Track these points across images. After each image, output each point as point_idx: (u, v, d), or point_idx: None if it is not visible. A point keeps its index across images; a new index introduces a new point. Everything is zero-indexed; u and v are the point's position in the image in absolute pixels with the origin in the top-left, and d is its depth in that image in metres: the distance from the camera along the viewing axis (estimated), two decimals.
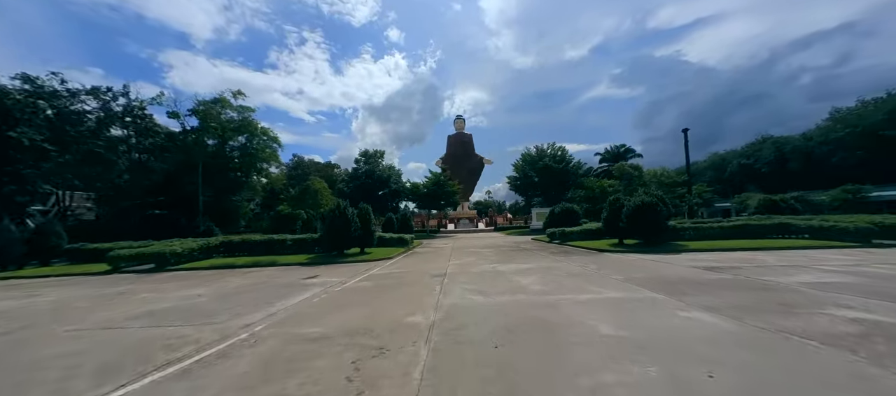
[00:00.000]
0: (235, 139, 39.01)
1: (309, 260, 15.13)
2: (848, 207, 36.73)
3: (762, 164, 57.91)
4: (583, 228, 20.18)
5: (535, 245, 20.31)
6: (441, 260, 14.04)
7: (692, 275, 8.48)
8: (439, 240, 29.16)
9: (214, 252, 17.37)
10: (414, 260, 14.99)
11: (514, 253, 15.60)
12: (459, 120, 63.64)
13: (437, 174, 38.10)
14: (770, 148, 58.05)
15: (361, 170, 40.65)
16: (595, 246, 16.26)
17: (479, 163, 62.29)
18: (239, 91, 37.89)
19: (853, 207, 36.61)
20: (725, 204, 49.23)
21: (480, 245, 21.85)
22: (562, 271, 9.99)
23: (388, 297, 7.35)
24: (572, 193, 37.09)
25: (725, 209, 48.52)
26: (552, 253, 15.30)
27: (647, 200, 14.48)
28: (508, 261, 12.75)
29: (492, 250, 17.77)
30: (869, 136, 46.23)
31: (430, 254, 17.17)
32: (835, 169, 48.22)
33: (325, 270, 12.35)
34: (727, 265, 9.96)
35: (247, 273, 12.52)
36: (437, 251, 18.99)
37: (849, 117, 50.03)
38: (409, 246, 20.77)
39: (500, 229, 41.19)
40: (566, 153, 37.93)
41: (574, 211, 24.99)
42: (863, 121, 47.49)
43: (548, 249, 17.15)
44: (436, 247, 21.63)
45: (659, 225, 14.33)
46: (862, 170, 45.09)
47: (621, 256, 13.15)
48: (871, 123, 46.45)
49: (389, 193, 40.40)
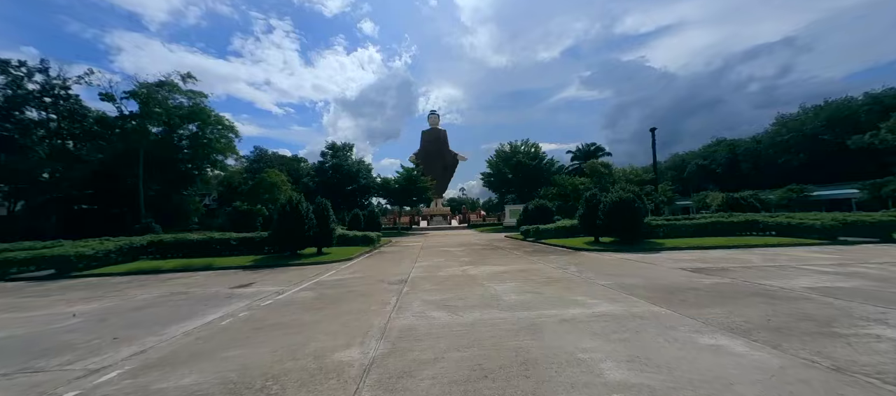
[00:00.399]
0: (185, 127, 35.05)
1: (253, 262, 12.96)
2: (793, 205, 38.92)
3: (717, 165, 60.89)
4: (557, 225, 19.27)
5: (509, 243, 19.14)
6: (406, 262, 12.41)
7: (685, 280, 7.42)
8: (410, 238, 27.44)
9: (142, 253, 14.68)
10: (376, 261, 13.24)
11: (488, 253, 14.26)
12: (433, 115, 61.95)
13: (409, 169, 36.25)
14: (724, 150, 61.12)
15: (328, 164, 37.89)
16: (571, 244, 15.27)
17: (453, 160, 60.97)
18: (189, 74, 33.97)
19: (798, 205, 38.83)
20: (686, 202, 51.07)
21: (452, 243, 20.40)
22: (540, 275, 8.68)
23: (325, 315, 5.64)
24: (545, 191, 36.61)
25: (685, 207, 50.32)
26: (527, 252, 14.11)
27: (625, 196, 13.61)
28: (481, 262, 11.34)
29: (464, 249, 16.35)
30: (810, 140, 49.50)
31: (395, 254, 15.47)
32: (781, 170, 51.28)
33: (267, 276, 10.35)
34: (714, 266, 9.08)
35: (169, 280, 10.25)
36: (404, 250, 17.31)
37: (792, 123, 53.42)
38: (375, 245, 18.93)
39: (474, 226, 40.09)
40: (539, 150, 37.41)
41: (547, 209, 24.16)
42: (804, 127, 50.81)
43: (522, 248, 15.98)
44: (404, 246, 19.93)
45: (637, 222, 13.51)
46: (804, 172, 48.16)
47: (600, 255, 12.14)
48: (812, 129, 49.76)
49: (359, 189, 38.01)
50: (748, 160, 56.92)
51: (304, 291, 7.76)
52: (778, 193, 41.68)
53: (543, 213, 23.71)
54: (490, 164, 39.22)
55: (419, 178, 36.25)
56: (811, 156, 49.19)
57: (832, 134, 47.13)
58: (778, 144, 53.18)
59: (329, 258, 13.70)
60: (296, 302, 6.65)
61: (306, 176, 40.03)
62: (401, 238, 28.67)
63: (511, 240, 21.05)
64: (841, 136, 46.45)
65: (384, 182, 36.76)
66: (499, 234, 28.28)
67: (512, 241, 20.24)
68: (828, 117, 48.57)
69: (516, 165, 36.25)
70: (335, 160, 38.16)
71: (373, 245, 18.78)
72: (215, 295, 7.68)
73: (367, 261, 13.22)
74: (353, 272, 10.46)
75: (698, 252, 12.07)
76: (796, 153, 50.39)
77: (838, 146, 46.66)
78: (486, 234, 29.54)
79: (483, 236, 27.04)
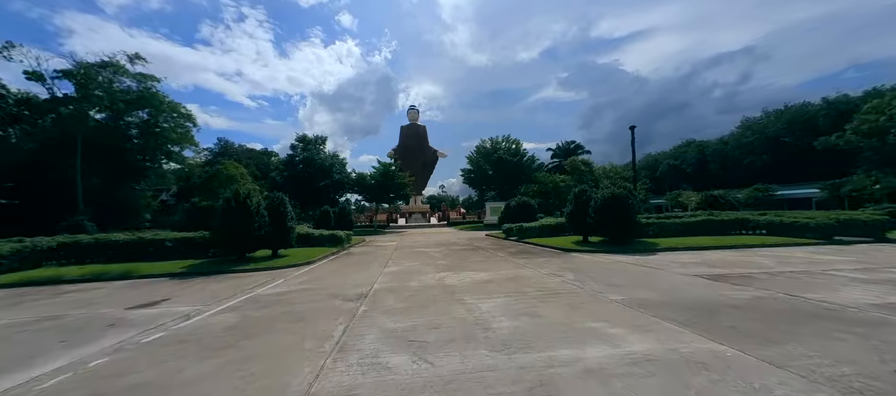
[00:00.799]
0: (134, 114, 31.09)
1: (187, 269, 10.57)
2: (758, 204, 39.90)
3: (687, 165, 62.35)
4: (541, 224, 17.84)
5: (491, 242, 17.52)
6: (374, 267, 10.44)
7: (712, 294, 5.94)
8: (385, 237, 25.33)
9: (50, 258, 11.87)
10: (339, 265, 11.19)
11: (469, 255, 12.52)
12: (413, 110, 59.73)
13: (385, 164, 33.97)
14: (694, 150, 62.67)
15: (298, 158, 34.84)
16: (557, 244, 13.80)
17: (433, 156, 59.03)
18: (137, 54, 30.02)
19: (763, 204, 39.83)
20: (659, 201, 51.70)
21: (430, 242, 18.55)
22: (533, 285, 7.00)
23: (224, 364, 3.65)
24: (526, 188, 35.39)
25: (658, 205, 50.92)
26: (512, 253, 12.48)
27: (619, 193, 12.27)
28: (461, 268, 9.56)
29: (442, 250, 14.54)
30: (772, 142, 51.29)
31: (364, 257, 13.43)
32: (746, 170, 52.88)
33: (193, 287, 8.10)
34: (730, 271, 7.74)
35: (64, 294, 7.80)
36: (375, 251, 15.28)
37: (756, 125, 55.26)
38: (344, 246, 16.78)
39: (454, 224, 38.41)
40: (520, 147, 36.15)
41: (530, 206, 22.79)
42: (767, 130, 52.63)
43: (506, 248, 14.37)
44: (377, 246, 17.88)
45: (630, 220, 12.19)
46: (768, 172, 49.80)
47: (593, 258, 10.68)
48: (774, 131, 51.58)
49: (332, 185, 35.28)
50: (716, 160, 58.51)
51: (224, 313, 5.68)
52: (745, 192, 42.65)
53: (526, 211, 22.32)
54: (470, 160, 37.63)
55: (396, 174, 34.07)
56: (774, 157, 50.96)
57: (792, 136, 48.93)
58: (743, 146, 54.84)
59: (284, 262, 11.50)
60: (196, 336, 4.58)
61: (275, 170, 36.76)
62: (376, 236, 26.50)
63: (493, 240, 19.46)
64: (800, 139, 48.34)
65: (359, 177, 34.25)
66: (479, 233, 26.68)
67: (494, 240, 18.65)
68: (788, 121, 50.42)
69: (497, 161, 34.84)
70: (306, 153, 35.19)
71: (341, 245, 16.62)
72: (97, 321, 5.46)
73: (329, 266, 11.14)
74: (305, 282, 8.40)
75: (697, 253, 10.86)
76: (760, 154, 52.07)
77: (798, 148, 48.56)
78: (465, 232, 27.87)
79: (463, 235, 25.35)
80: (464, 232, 27.66)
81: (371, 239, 23.98)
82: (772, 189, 43.18)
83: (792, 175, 46.72)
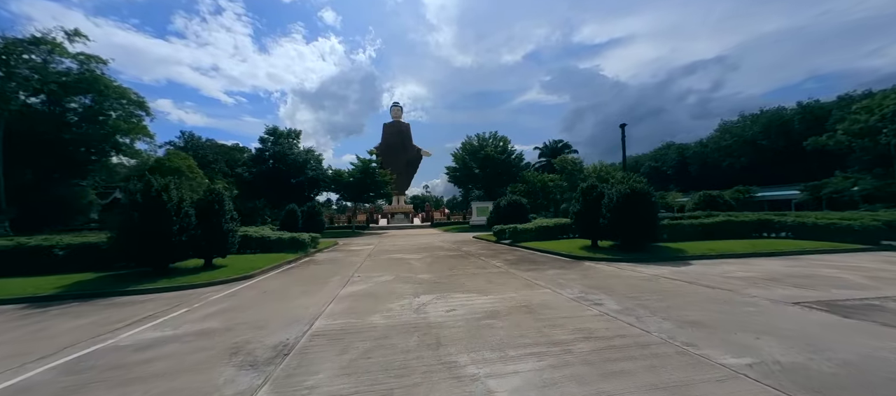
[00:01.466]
0: (74, 99, 26.62)
1: (64, 289, 7.34)
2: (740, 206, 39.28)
3: (668, 167, 62.11)
4: (537, 225, 15.35)
5: (482, 247, 14.88)
6: (332, 284, 7.55)
7: (850, 342, 3.44)
8: (362, 240, 22.28)
9: None
10: (285, 282, 8.20)
11: (458, 264, 9.79)
12: (396, 107, 56.55)
13: (365, 160, 30.80)
14: (674, 152, 62.52)
15: (268, 152, 31.20)
16: (562, 249, 11.29)
17: (416, 155, 56.06)
18: (77, 31, 25.61)
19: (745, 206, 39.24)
20: None
21: (411, 246, 15.72)
22: (567, 324, 4.35)
23: None
24: (513, 187, 33.04)
25: None
26: (511, 262, 9.87)
27: (639, 188, 9.88)
28: (450, 286, 6.81)
29: (425, 257, 11.75)
30: (750, 145, 51.37)
31: (326, 267, 10.48)
32: (725, 172, 52.76)
33: (27, 328, 4.99)
34: (825, 294, 5.36)
35: None
36: (343, 259, 12.32)
37: (734, 129, 55.42)
38: (307, 251, 13.73)
39: (438, 225, 35.63)
40: (508, 144, 33.76)
41: (521, 205, 20.33)
42: (745, 133, 52.75)
43: (501, 254, 11.75)
44: (348, 251, 14.89)
45: (653, 222, 9.86)
46: (747, 174, 49.75)
47: (619, 270, 8.18)
48: (751, 134, 51.72)
49: (307, 182, 31.79)
50: (696, 162, 58.41)
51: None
52: (727, 193, 42.07)
53: (517, 211, 19.86)
54: (456, 158, 34.96)
55: (376, 171, 30.98)
56: (752, 159, 51.02)
57: (769, 139, 49.07)
58: (722, 148, 54.84)
59: (212, 276, 8.41)
60: None
61: (241, 166, 32.84)
62: (352, 239, 23.38)
63: (483, 243, 16.85)
64: (776, 142, 48.57)
65: (336, 174, 30.87)
66: (466, 235, 24.04)
67: (484, 245, 16.02)
68: (765, 124, 50.64)
69: (484, 159, 32.36)
70: (277, 148, 31.52)
71: (303, 251, 13.56)
72: None
73: (271, 283, 8.14)
74: (215, 314, 5.43)
75: (741, 263, 8.57)
76: (738, 157, 52.07)
77: (774, 150, 48.76)
78: (451, 235, 25.17)
79: (448, 237, 22.62)
80: (449, 235, 24.93)
81: (346, 241, 20.90)
82: (752, 190, 42.75)
83: (769, 177, 46.66)
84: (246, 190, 31.01)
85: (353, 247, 16.76)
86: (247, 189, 30.98)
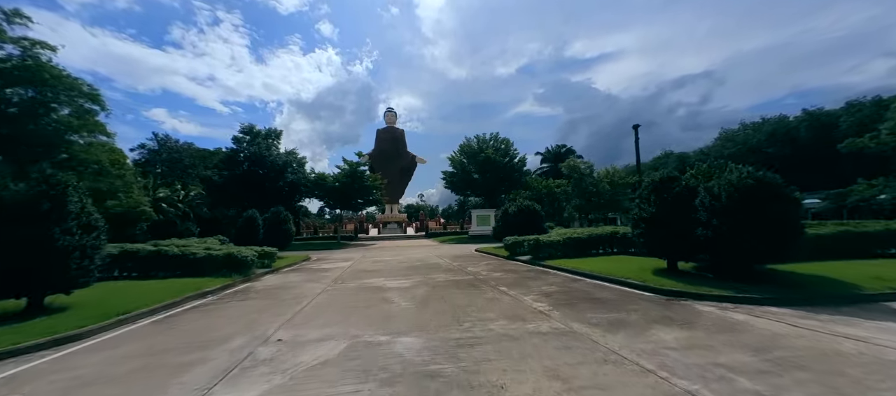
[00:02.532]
0: (11, 90, 22.10)
1: None
2: None
3: None
4: (565, 237, 11.21)
5: (493, 265, 10.72)
6: (210, 366, 3.27)
7: None
8: (341, 254, 17.98)
9: None
10: (128, 356, 3.89)
11: (469, 302, 5.62)
12: (390, 113, 52.85)
13: (352, 163, 26.63)
14: (674, 161, 59.63)
15: (243, 154, 26.87)
16: (620, 273, 7.20)
17: (411, 162, 52.08)
18: (17, 11, 21.14)
19: None
20: None
21: (399, 264, 11.49)
22: None
23: None
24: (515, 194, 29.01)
25: None
26: (555, 299, 5.74)
27: (768, 178, 5.91)
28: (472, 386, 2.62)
29: (414, 285, 7.52)
30: (755, 153, 48.61)
31: (244, 310, 6.19)
32: None
33: None
34: None
35: None
36: (292, 288, 8.01)
37: (737, 137, 52.83)
38: (250, 272, 9.42)
39: (433, 235, 31.35)
40: (510, 146, 29.88)
41: (536, 212, 16.26)
42: (749, 141, 50.12)
43: (528, 282, 7.59)
44: (310, 273, 10.60)
45: (792, 232, 5.79)
46: None
47: (780, 326, 4.07)
48: (756, 142, 49.08)
49: (287, 187, 27.43)
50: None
51: None
52: None
53: (530, 219, 15.79)
54: (453, 162, 30.96)
55: (364, 175, 26.80)
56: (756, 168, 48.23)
57: (775, 147, 46.37)
58: (725, 157, 52.04)
59: (15, 338, 4.08)
60: None
61: (212, 168, 28.35)
62: (331, 252, 19.04)
63: (493, 260, 12.70)
64: (783, 149, 45.85)
65: (319, 178, 26.57)
66: (466, 247, 19.87)
67: (497, 263, 11.87)
68: (769, 132, 48.08)
69: (484, 162, 28.41)
70: (254, 148, 27.22)
71: (245, 272, 9.25)
72: None
73: (105, 354, 3.83)
74: None
75: None
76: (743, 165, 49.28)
77: (780, 158, 45.94)
78: (449, 247, 20.95)
79: (446, 250, 18.40)
80: (447, 247, 20.70)
81: (321, 256, 16.56)
82: None
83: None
84: (217, 196, 26.48)
85: (324, 266, 12.46)
86: (218, 195, 26.44)
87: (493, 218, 27.28)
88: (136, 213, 22.70)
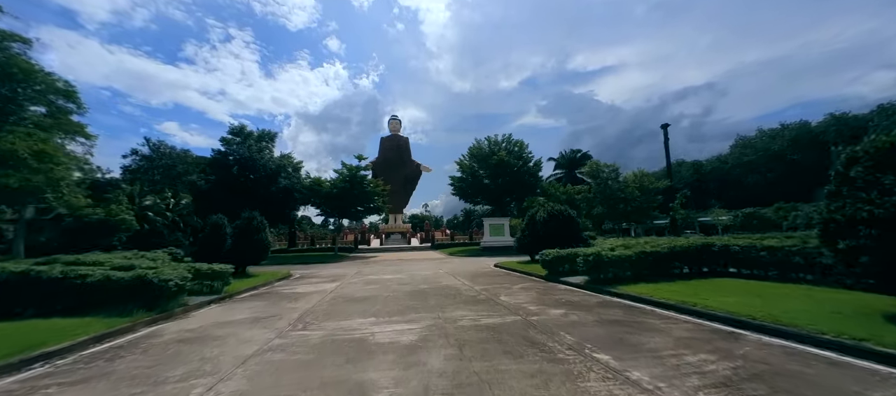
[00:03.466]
0: None
1: None
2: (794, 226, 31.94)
3: (682, 184, 55.41)
4: (636, 253, 7.68)
5: (534, 291, 7.22)
6: None
7: None
8: (330, 270, 14.56)
9: None
10: None
11: (536, 386, 2.17)
12: (394, 120, 50.03)
13: (352, 167, 23.47)
14: (689, 169, 56.15)
15: (232, 157, 23.88)
16: (804, 320, 3.74)
17: (416, 170, 48.92)
18: None
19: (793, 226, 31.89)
20: (706, 218, 42.68)
21: (401, 288, 8.01)
22: None
23: None
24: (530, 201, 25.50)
25: (705, 223, 41.88)
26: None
27: None
28: None
29: (425, 331, 4.04)
30: (777, 159, 44.96)
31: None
32: (750, 189, 46.05)
33: None
34: None
35: None
36: (210, 345, 4.55)
37: (757, 144, 49.38)
38: (172, 304, 5.99)
39: (440, 247, 27.81)
40: (525, 148, 26.50)
41: (572, 220, 12.78)
42: (771, 147, 46.60)
43: (621, 329, 4.13)
44: (269, 307, 7.16)
45: None
46: (772, 190, 43.04)
47: None
48: (779, 148, 45.50)
49: (280, 193, 24.24)
50: (714, 179, 51.78)
51: None
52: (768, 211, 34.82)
53: (565, 228, 12.32)
54: (462, 167, 27.67)
55: (365, 180, 23.55)
56: (778, 174, 44.41)
57: (800, 153, 42.71)
58: (744, 164, 48.55)
59: None
60: None
61: (198, 172, 25.32)
62: (320, 268, 15.63)
63: (524, 279, 9.20)
64: (808, 156, 42.11)
65: (315, 183, 23.39)
66: (481, 260, 16.33)
67: (532, 284, 8.38)
68: (793, 137, 44.50)
69: (497, 166, 25.06)
70: (243, 151, 24.19)
71: (163, 306, 5.85)
72: None
73: None
74: None
75: None
76: (765, 172, 45.53)
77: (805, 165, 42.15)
78: (460, 260, 17.41)
79: (458, 264, 14.88)
80: (458, 261, 17.14)
81: (305, 273, 13.12)
82: (798, 206, 35.21)
83: (800, 194, 39.51)
84: (202, 203, 23.33)
85: (300, 288, 9.02)
86: (203, 202, 23.29)
87: (507, 227, 23.74)
88: (114, 223, 19.52)
